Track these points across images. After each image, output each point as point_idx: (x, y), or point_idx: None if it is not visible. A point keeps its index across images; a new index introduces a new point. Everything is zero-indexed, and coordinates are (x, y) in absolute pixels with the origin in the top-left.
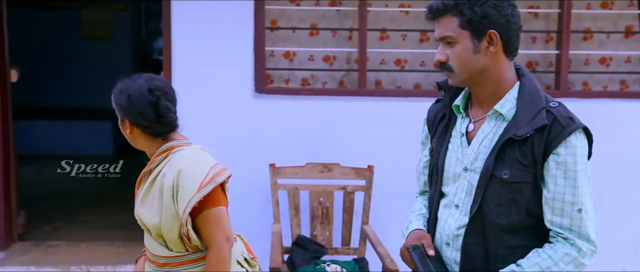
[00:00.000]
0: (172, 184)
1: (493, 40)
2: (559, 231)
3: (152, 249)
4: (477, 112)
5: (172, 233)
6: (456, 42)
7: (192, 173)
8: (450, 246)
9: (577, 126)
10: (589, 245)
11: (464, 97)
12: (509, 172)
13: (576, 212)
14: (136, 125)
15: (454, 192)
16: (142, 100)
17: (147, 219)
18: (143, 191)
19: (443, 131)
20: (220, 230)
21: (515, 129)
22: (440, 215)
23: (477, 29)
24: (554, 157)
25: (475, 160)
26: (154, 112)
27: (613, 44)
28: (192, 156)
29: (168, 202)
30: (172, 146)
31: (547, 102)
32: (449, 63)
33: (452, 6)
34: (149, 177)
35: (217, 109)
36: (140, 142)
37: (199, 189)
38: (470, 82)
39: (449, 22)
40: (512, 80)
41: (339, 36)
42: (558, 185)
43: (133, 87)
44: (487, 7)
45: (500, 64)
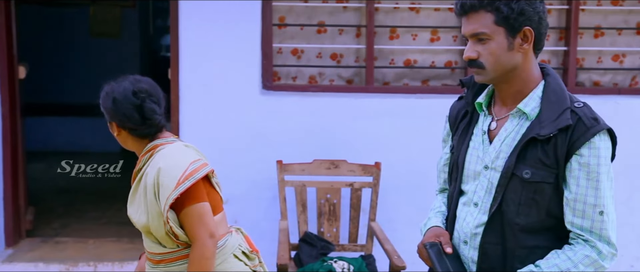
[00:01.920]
0: (153, 183)
1: (527, 37)
2: (579, 233)
3: (148, 247)
4: (500, 110)
5: (159, 231)
6: (490, 39)
7: (170, 170)
8: (468, 245)
9: (601, 127)
10: (610, 248)
11: (487, 95)
12: (530, 172)
13: (598, 215)
14: (123, 128)
15: (473, 190)
16: (127, 103)
17: (136, 218)
18: (132, 190)
19: (465, 129)
20: (203, 226)
21: (539, 128)
22: (459, 213)
23: (513, 25)
24: (577, 158)
25: (497, 158)
26: (138, 115)
27: (625, 40)
28: (172, 153)
29: (152, 201)
30: (156, 144)
31: (572, 102)
32: (480, 60)
33: (487, 2)
34: (137, 179)
35: (224, 105)
36: (129, 144)
37: (176, 186)
38: (499, 79)
39: (482, 18)
40: (537, 78)
41: (346, 33)
42: (580, 186)
43: (118, 91)
44: (523, 4)
45: (529, 61)
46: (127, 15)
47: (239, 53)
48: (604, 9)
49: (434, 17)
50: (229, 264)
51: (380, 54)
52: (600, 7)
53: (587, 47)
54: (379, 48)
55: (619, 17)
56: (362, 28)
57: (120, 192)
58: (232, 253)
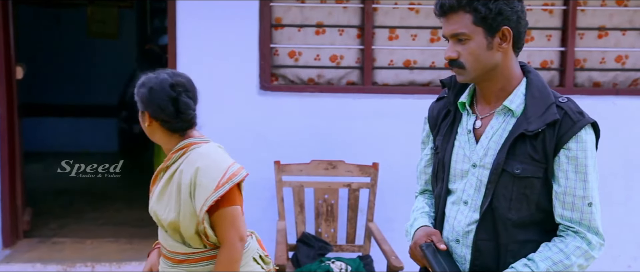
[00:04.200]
0: (190, 182)
1: (506, 37)
2: (569, 225)
3: (169, 246)
4: (483, 108)
5: (190, 230)
6: (469, 39)
7: (209, 171)
8: (460, 243)
9: (587, 121)
10: (598, 238)
11: (469, 94)
12: (520, 168)
13: (587, 206)
14: (155, 119)
15: (461, 189)
16: (163, 95)
17: (163, 215)
18: (159, 187)
19: (448, 129)
20: (234, 229)
21: (526, 124)
22: (448, 212)
23: (491, 25)
24: (565, 152)
25: (485, 156)
26: (173, 107)
27: (630, 41)
28: (210, 154)
29: (186, 200)
30: (190, 143)
31: (555, 97)
32: (461, 60)
33: (465, 3)
34: (164, 173)
35: (222, 106)
36: (157, 136)
37: (216, 188)
38: (480, 78)
39: (461, 19)
40: (519, 76)
41: (346, 35)
42: (569, 179)
43: (155, 81)
44: (501, 4)
45: (509, 60)
46: (124, 15)
47: (236, 53)
48: (609, 9)
49: (433, 16)
50: (250, 267)
51: (379, 56)
52: (604, 8)
53: (590, 47)
54: (377, 48)
55: (624, 17)
56: (360, 28)
57: (118, 193)
58: (252, 256)
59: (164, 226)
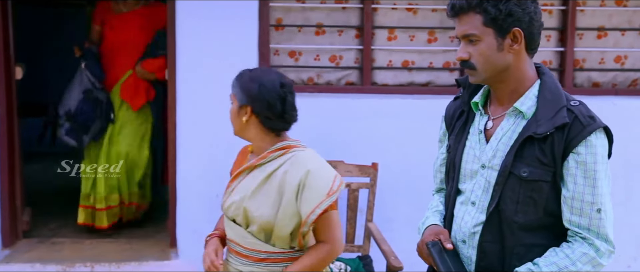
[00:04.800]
0: (299, 183)
1: (517, 38)
2: (577, 231)
3: (247, 244)
4: (496, 109)
5: (285, 230)
6: (479, 40)
7: (321, 176)
8: (466, 244)
9: (597, 125)
10: (607, 245)
11: (482, 95)
12: (528, 171)
13: (595, 212)
14: (257, 115)
15: (470, 190)
16: (274, 92)
17: (257, 212)
18: (255, 184)
19: (461, 128)
20: (339, 230)
21: (535, 127)
22: (456, 212)
23: (501, 26)
24: (574, 157)
25: (494, 157)
26: (281, 106)
27: (628, 41)
28: (318, 159)
29: (290, 200)
30: (291, 145)
31: (567, 100)
32: (472, 61)
33: (475, 4)
34: (252, 171)
35: (221, 106)
36: (250, 132)
37: (329, 194)
38: (492, 80)
39: (472, 20)
40: (532, 78)
41: (345, 35)
42: (577, 184)
43: (266, 78)
44: (511, 5)
45: (522, 62)
46: None
47: (236, 54)
48: (608, 10)
49: (431, 18)
50: None
51: (377, 57)
52: (603, 8)
53: (590, 47)
54: (376, 49)
55: (623, 17)
56: (359, 29)
57: None
58: None
59: (247, 223)
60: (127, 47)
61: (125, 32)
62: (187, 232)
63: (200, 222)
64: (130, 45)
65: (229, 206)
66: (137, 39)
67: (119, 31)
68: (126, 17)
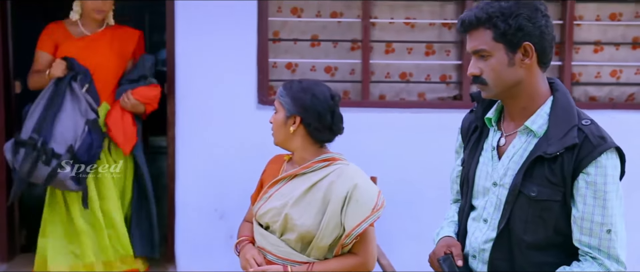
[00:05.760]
0: (345, 195)
1: (528, 52)
2: (587, 251)
3: (281, 253)
4: (508, 126)
5: (325, 240)
6: (490, 56)
7: (368, 191)
8: (477, 259)
9: (608, 146)
10: (618, 266)
11: (496, 110)
12: (537, 190)
13: (605, 233)
14: (305, 125)
15: (483, 206)
16: (325, 103)
17: (299, 221)
18: (298, 192)
19: (475, 143)
20: (374, 247)
21: (546, 146)
22: (469, 228)
23: (511, 41)
24: (584, 177)
25: (505, 176)
26: (330, 118)
27: (623, 55)
28: (363, 175)
29: (335, 211)
30: (335, 157)
31: (579, 119)
32: (483, 76)
33: (485, 19)
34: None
35: (220, 120)
36: (295, 142)
37: (374, 210)
38: (503, 95)
39: (482, 36)
40: (545, 94)
41: (340, 47)
42: (587, 205)
43: (318, 89)
44: (521, 20)
45: (534, 76)
46: None
47: (235, 68)
48: (604, 24)
49: (428, 31)
50: None
51: (376, 68)
52: (598, 23)
53: (586, 62)
54: (374, 63)
55: (617, 32)
56: (358, 42)
57: None
58: None
59: (283, 231)
60: (99, 74)
61: (94, 57)
62: (186, 246)
63: (199, 237)
64: (102, 72)
65: (267, 211)
66: (110, 64)
67: (85, 56)
68: (90, 39)
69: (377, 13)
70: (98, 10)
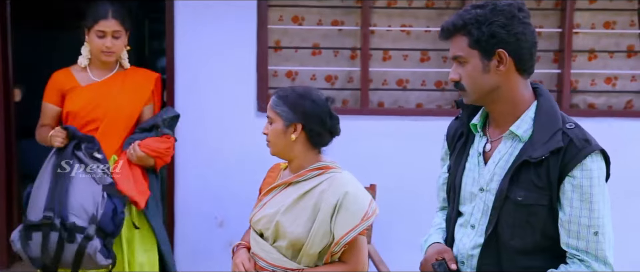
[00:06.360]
0: (336, 203)
1: (503, 59)
2: (575, 253)
3: (272, 260)
4: (494, 131)
5: (314, 248)
6: (467, 62)
7: (358, 200)
8: (465, 265)
9: (593, 149)
10: (606, 267)
11: (481, 116)
12: (523, 195)
13: (592, 235)
14: (307, 131)
15: (470, 212)
16: (324, 107)
17: (290, 228)
18: (289, 200)
19: (461, 150)
20: (364, 255)
21: (531, 151)
22: (456, 234)
23: (485, 48)
24: (570, 180)
25: (491, 181)
26: (330, 120)
27: (617, 63)
28: (355, 183)
29: (324, 219)
30: (328, 165)
31: (564, 123)
32: (462, 82)
33: (461, 26)
34: (287, 187)
35: (220, 127)
36: (296, 150)
37: (363, 219)
38: (482, 101)
39: (459, 42)
40: (528, 99)
41: (340, 55)
42: (574, 208)
43: (314, 94)
44: (495, 27)
45: (512, 83)
46: None
47: (234, 75)
48: (598, 32)
49: (424, 38)
50: None
51: (373, 76)
52: (594, 31)
53: (581, 69)
54: (372, 70)
55: (612, 40)
56: (357, 50)
57: None
58: None
59: (275, 238)
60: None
61: (102, 106)
62: (186, 254)
63: (199, 244)
64: (112, 121)
65: (260, 218)
66: (121, 112)
67: (93, 107)
68: (99, 86)
69: (376, 20)
70: (107, 52)
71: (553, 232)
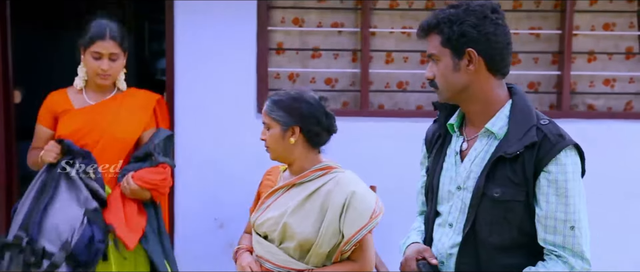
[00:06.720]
0: (344, 203)
1: (472, 59)
2: (552, 249)
3: (279, 261)
4: (470, 130)
5: (324, 247)
6: (439, 60)
7: (365, 199)
8: (444, 265)
9: (567, 143)
10: (583, 263)
11: (458, 116)
12: (500, 191)
13: (569, 230)
14: (305, 133)
15: (448, 211)
16: (319, 107)
17: (298, 229)
18: (295, 202)
19: (438, 150)
20: (372, 254)
21: (506, 146)
22: (435, 234)
23: (456, 47)
24: (545, 175)
25: (468, 178)
26: (326, 119)
27: (615, 65)
28: (360, 182)
29: (333, 219)
30: (330, 166)
31: (538, 119)
32: (435, 80)
33: (434, 25)
34: (290, 189)
35: (220, 128)
36: (295, 152)
37: (371, 218)
38: (455, 99)
39: (433, 40)
40: (503, 98)
41: (341, 58)
42: (550, 203)
43: (308, 95)
44: (465, 26)
45: (484, 83)
46: None
47: (234, 77)
48: (597, 34)
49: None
50: None
51: (374, 78)
52: (593, 32)
53: (581, 71)
54: (373, 72)
55: (610, 42)
56: (358, 53)
57: None
58: None
59: (282, 240)
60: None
61: (96, 130)
62: (185, 255)
63: (199, 246)
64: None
65: (264, 221)
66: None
67: (86, 131)
68: (93, 109)
69: (376, 22)
70: (103, 75)
71: (530, 228)
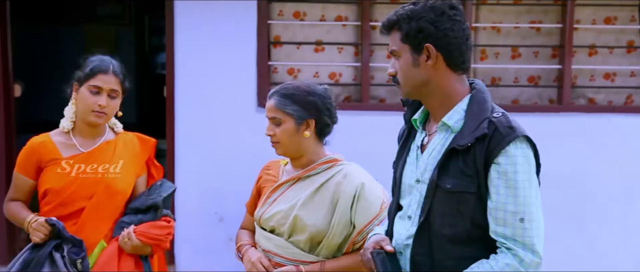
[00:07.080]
0: (354, 194)
1: (430, 54)
2: (503, 241)
3: (289, 254)
4: (431, 125)
5: (336, 239)
6: (399, 56)
7: (374, 190)
8: (402, 255)
9: (516, 135)
10: (533, 256)
11: (423, 112)
12: (452, 183)
13: (518, 222)
14: (319, 124)
15: (408, 204)
16: (327, 98)
17: (310, 221)
18: (305, 194)
19: (403, 145)
20: None
21: (459, 139)
22: (395, 226)
23: (414, 43)
24: (495, 167)
25: (425, 171)
26: (334, 111)
27: (616, 59)
28: (367, 173)
29: (344, 210)
30: (336, 158)
31: (492, 112)
32: (397, 76)
33: (394, 22)
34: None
35: (220, 123)
36: (304, 144)
37: (382, 208)
38: (415, 94)
39: (394, 37)
40: (462, 93)
41: (345, 52)
42: (500, 194)
43: (318, 89)
44: (423, 22)
45: (443, 78)
46: (122, 33)
47: (235, 71)
48: (598, 28)
49: None
50: None
51: (376, 72)
52: (594, 26)
53: (581, 65)
54: (374, 66)
55: (612, 36)
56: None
57: None
58: None
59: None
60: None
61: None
62: (186, 249)
63: (199, 240)
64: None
65: (272, 215)
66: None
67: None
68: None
69: (378, 16)
70: (99, 111)
71: (483, 221)
